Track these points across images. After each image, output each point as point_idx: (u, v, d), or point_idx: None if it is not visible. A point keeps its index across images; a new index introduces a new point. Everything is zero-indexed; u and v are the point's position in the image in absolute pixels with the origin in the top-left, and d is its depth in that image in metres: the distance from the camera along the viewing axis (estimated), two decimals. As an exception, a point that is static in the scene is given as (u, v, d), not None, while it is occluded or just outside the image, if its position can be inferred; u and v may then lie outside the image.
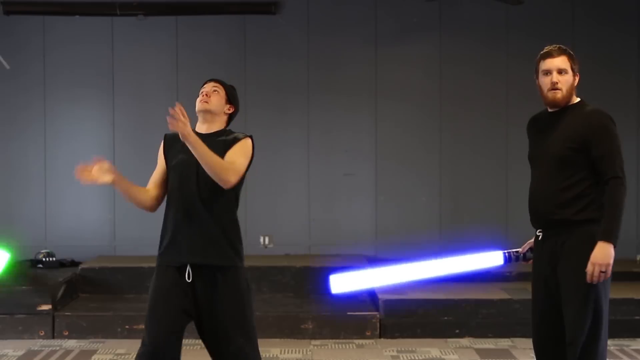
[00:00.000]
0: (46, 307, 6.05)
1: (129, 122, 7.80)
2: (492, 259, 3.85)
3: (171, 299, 3.33)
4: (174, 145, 3.44)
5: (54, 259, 7.21)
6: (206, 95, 3.46)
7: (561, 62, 3.49)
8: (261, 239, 7.72)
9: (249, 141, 3.44)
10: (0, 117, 7.82)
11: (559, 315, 3.51)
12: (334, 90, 7.83)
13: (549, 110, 3.58)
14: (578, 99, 3.57)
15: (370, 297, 6.51)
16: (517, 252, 3.80)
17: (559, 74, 3.48)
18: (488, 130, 7.86)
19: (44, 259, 7.21)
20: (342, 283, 4.13)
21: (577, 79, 3.53)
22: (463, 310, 6.11)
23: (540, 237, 3.57)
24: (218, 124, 3.47)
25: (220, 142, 3.38)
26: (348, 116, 7.86)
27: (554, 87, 3.49)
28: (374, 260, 7.46)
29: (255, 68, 7.81)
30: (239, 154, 3.38)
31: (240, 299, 3.37)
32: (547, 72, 3.51)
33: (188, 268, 3.33)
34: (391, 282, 4.23)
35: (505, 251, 3.81)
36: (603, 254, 3.33)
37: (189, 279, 3.32)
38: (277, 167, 7.82)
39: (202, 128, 3.47)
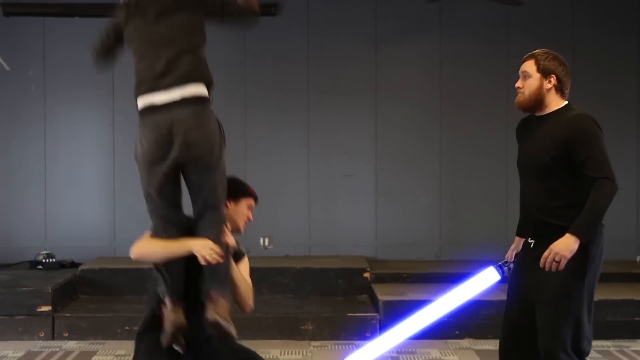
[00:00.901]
0: (46, 308, 6.05)
1: (129, 123, 7.65)
2: (488, 277, 3.80)
3: None
4: None
5: (53, 260, 7.21)
6: (249, 220, 3.43)
7: (525, 66, 3.54)
8: (261, 240, 7.71)
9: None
10: (0, 118, 7.82)
11: (532, 321, 3.49)
12: (334, 90, 7.82)
13: (535, 114, 3.55)
14: (564, 103, 3.51)
15: (370, 298, 6.50)
16: (507, 262, 3.74)
17: (522, 79, 3.53)
18: (488, 130, 7.85)
19: (43, 260, 7.20)
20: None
21: (551, 81, 3.46)
22: (463, 311, 6.08)
23: (532, 244, 3.51)
24: None
25: None
26: (348, 117, 7.85)
27: (517, 90, 3.56)
28: (374, 261, 7.47)
29: (255, 69, 7.80)
30: (247, 275, 3.37)
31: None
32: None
33: None
34: (404, 338, 4.27)
35: (497, 265, 3.75)
36: (564, 245, 3.26)
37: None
38: (277, 168, 7.82)
39: None
